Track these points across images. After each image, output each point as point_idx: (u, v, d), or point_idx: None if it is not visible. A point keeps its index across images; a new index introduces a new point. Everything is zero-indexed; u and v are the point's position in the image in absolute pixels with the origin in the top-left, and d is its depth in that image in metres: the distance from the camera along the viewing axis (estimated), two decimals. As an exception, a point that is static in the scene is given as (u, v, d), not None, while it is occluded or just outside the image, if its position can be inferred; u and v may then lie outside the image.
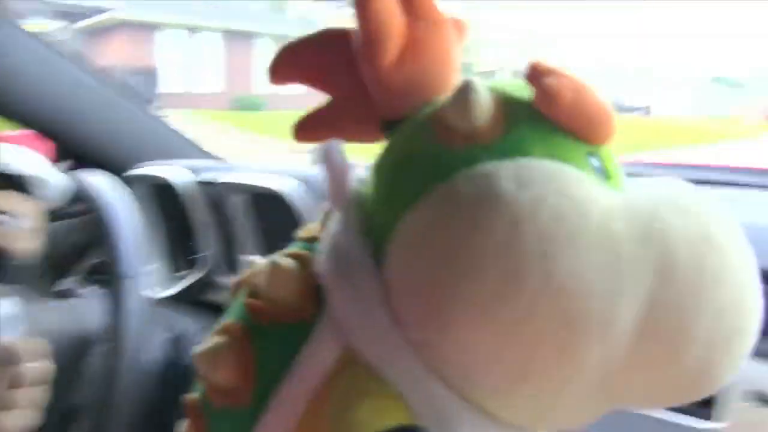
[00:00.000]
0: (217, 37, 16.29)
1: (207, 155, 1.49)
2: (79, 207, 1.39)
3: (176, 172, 1.21)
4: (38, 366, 0.76)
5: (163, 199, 1.25)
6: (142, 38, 14.62)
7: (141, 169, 1.28)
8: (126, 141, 1.40)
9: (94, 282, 1.33)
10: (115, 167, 1.16)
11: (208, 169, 1.25)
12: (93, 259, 1.43)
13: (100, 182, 0.93)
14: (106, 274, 1.39)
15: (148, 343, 0.85)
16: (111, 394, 0.81)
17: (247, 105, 14.77)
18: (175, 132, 1.47)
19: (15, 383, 0.74)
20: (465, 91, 0.39)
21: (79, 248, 1.44)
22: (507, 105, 0.40)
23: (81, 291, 1.25)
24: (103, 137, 1.39)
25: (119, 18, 14.07)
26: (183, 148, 1.46)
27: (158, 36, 15.10)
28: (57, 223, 1.35)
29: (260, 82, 16.73)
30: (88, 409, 0.86)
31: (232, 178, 1.16)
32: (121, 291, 0.84)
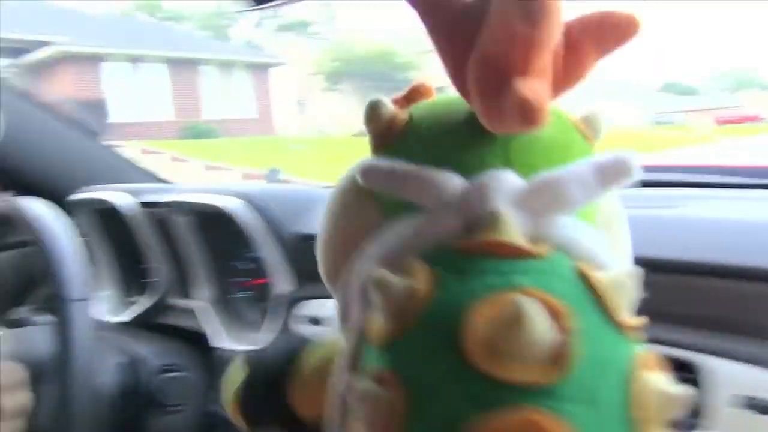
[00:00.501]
0: (162, 66, 16.15)
1: (149, 177, 1.47)
2: (24, 236, 1.36)
3: (118, 196, 1.19)
4: (19, 396, 0.73)
5: (108, 224, 1.22)
6: (87, 70, 14.40)
7: (82, 194, 1.25)
8: (66, 167, 1.38)
9: (48, 311, 1.29)
10: (55, 194, 1.13)
11: (150, 191, 1.24)
12: (45, 288, 1.40)
13: (36, 208, 0.91)
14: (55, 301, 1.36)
15: (100, 368, 0.82)
16: (67, 421, 0.78)
17: (198, 133, 14.62)
18: (115, 155, 1.46)
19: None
20: (368, 106, 0.46)
21: (29, 277, 1.40)
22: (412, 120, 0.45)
23: (35, 319, 1.21)
24: (42, 164, 1.36)
25: (63, 51, 13.84)
26: (124, 171, 1.44)
27: (104, 67, 14.90)
28: (3, 254, 1.31)
29: (209, 109, 16.63)
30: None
31: (175, 198, 1.14)
32: (67, 316, 0.81)
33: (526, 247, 0.37)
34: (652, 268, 0.40)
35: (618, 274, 0.37)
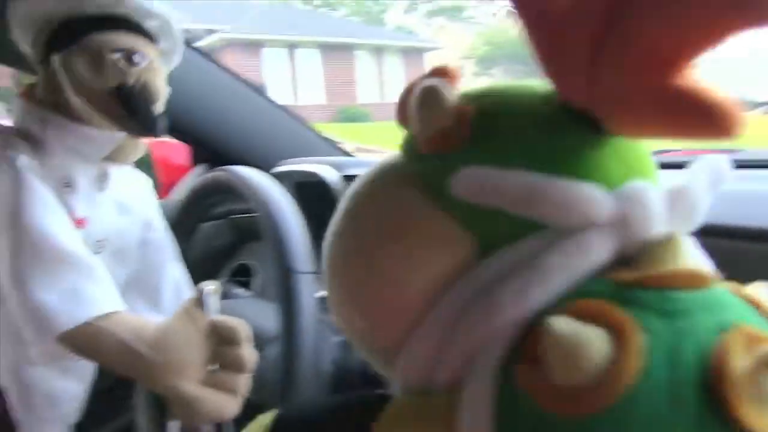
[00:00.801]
0: (315, 51, 16.63)
1: (341, 151, 1.44)
2: (224, 208, 1.38)
3: (323, 168, 1.16)
4: (252, 352, 0.74)
5: (308, 196, 1.20)
6: (249, 56, 15.08)
7: (286, 166, 1.24)
8: (268, 140, 1.37)
9: (238, 284, 1.30)
10: (259, 166, 1.12)
11: (350, 165, 1.20)
12: (238, 261, 1.41)
13: (257, 177, 0.88)
14: (250, 276, 1.37)
15: (323, 345, 0.78)
16: (288, 395, 0.75)
17: (351, 116, 14.93)
18: (310, 129, 1.43)
19: (235, 367, 0.73)
20: (425, 94, 0.36)
21: (226, 250, 1.43)
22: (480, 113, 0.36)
23: (235, 292, 1.22)
24: (246, 137, 1.37)
25: (227, 38, 14.60)
26: (320, 145, 1.42)
27: (264, 53, 15.55)
28: (206, 225, 1.33)
29: (363, 94, 16.96)
30: (264, 409, 0.82)
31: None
32: (294, 289, 0.78)
33: (711, 276, 0.31)
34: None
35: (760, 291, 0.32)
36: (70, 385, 0.95)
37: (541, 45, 0.33)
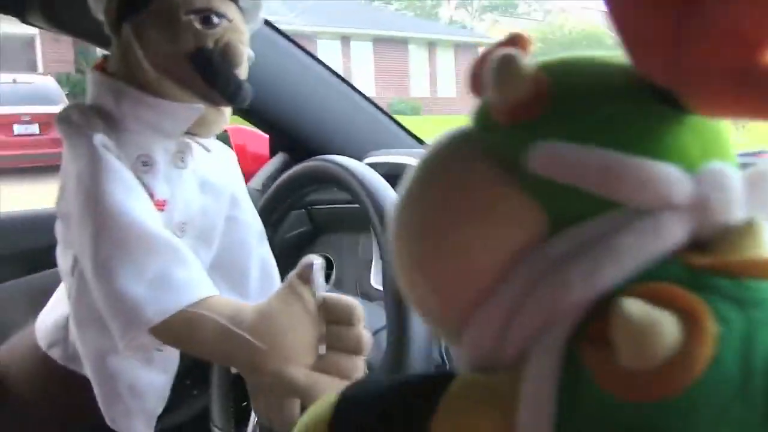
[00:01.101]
0: (368, 44, 16.67)
1: (422, 144, 1.41)
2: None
3: (411, 160, 1.13)
4: (367, 333, 0.69)
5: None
6: (305, 47, 15.22)
7: (377, 157, 1.21)
8: (349, 130, 1.35)
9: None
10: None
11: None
12: (317, 252, 1.40)
13: (359, 167, 0.85)
14: (330, 269, 1.35)
15: (430, 343, 0.75)
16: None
17: (402, 109, 14.94)
18: (393, 121, 1.41)
19: (351, 348, 0.68)
20: (502, 63, 0.33)
21: (304, 240, 1.41)
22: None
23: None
24: (326, 127, 1.35)
25: (283, 29, 14.75)
26: (404, 138, 1.39)
27: (319, 44, 15.65)
28: (293, 213, 1.31)
29: (415, 87, 16.95)
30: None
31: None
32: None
33: None
34: None
35: None
36: (155, 376, 0.91)
37: (622, 20, 0.32)
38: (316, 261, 0.67)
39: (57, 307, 0.96)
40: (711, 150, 0.33)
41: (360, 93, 1.39)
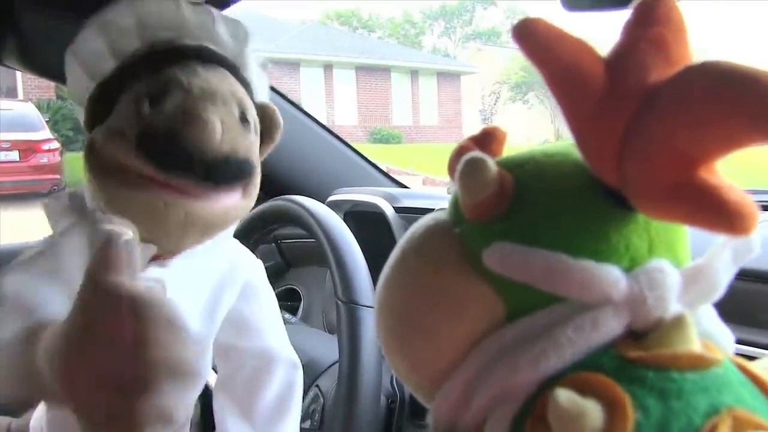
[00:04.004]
0: (351, 72, 16.78)
1: (397, 183, 1.46)
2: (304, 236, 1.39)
3: (377, 199, 1.18)
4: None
5: (359, 226, 1.21)
6: (286, 75, 15.27)
7: (340, 195, 1.25)
8: (322, 168, 1.39)
9: (287, 309, 1.31)
10: (313, 196, 1.14)
11: (403, 196, 1.21)
12: (286, 285, 1.43)
13: (318, 207, 0.90)
14: (297, 301, 1.39)
15: (380, 374, 0.79)
16: (346, 428, 0.76)
17: (383, 138, 15.02)
18: (361, 157, 1.45)
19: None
20: (468, 166, 0.37)
21: (274, 273, 1.45)
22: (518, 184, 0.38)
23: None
24: (296, 164, 1.38)
25: (266, 56, 14.81)
26: (374, 175, 1.43)
27: (302, 72, 15.73)
28: (261, 247, 1.35)
29: (397, 116, 17.04)
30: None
31: (429, 204, 1.11)
32: (358, 323, 0.79)
33: (720, 358, 0.33)
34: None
35: None
36: None
37: (573, 123, 0.36)
38: (126, 235, 0.44)
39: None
40: (658, 247, 0.37)
41: (328, 130, 1.43)
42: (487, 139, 0.42)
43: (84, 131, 0.74)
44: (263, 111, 0.76)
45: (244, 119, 0.70)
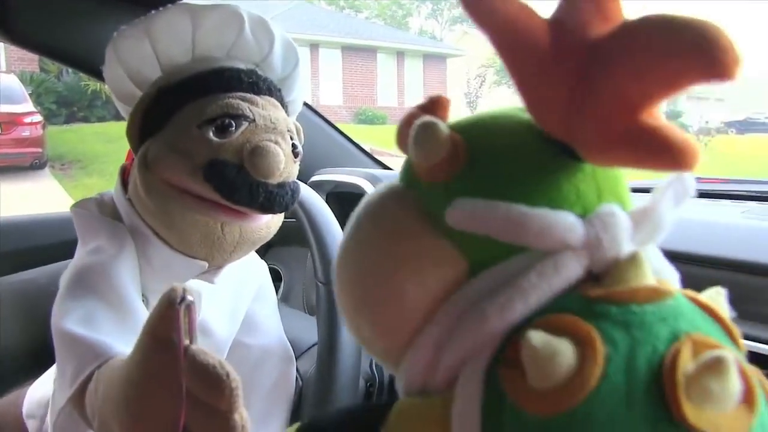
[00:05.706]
0: (337, 52, 16.66)
1: (381, 164, 1.45)
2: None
3: (359, 180, 1.17)
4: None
5: (341, 207, 1.21)
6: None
7: (323, 175, 1.24)
8: (304, 148, 1.37)
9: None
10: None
11: (385, 177, 1.20)
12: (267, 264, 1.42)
13: (300, 187, 0.89)
14: (276, 281, 1.38)
15: (360, 359, 0.79)
16: (324, 408, 0.76)
17: (368, 118, 14.96)
18: (345, 138, 1.44)
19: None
20: (422, 130, 0.39)
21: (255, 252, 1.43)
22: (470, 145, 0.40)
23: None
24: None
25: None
26: (357, 156, 1.42)
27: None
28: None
29: (382, 97, 16.97)
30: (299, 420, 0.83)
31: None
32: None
33: (672, 290, 0.36)
34: None
35: (715, 298, 0.38)
36: None
37: (521, 82, 0.38)
38: (189, 296, 0.44)
39: (47, 383, 0.94)
40: (606, 193, 0.39)
41: (312, 109, 1.42)
42: (434, 106, 0.44)
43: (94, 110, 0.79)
44: None
45: (293, 147, 0.77)
